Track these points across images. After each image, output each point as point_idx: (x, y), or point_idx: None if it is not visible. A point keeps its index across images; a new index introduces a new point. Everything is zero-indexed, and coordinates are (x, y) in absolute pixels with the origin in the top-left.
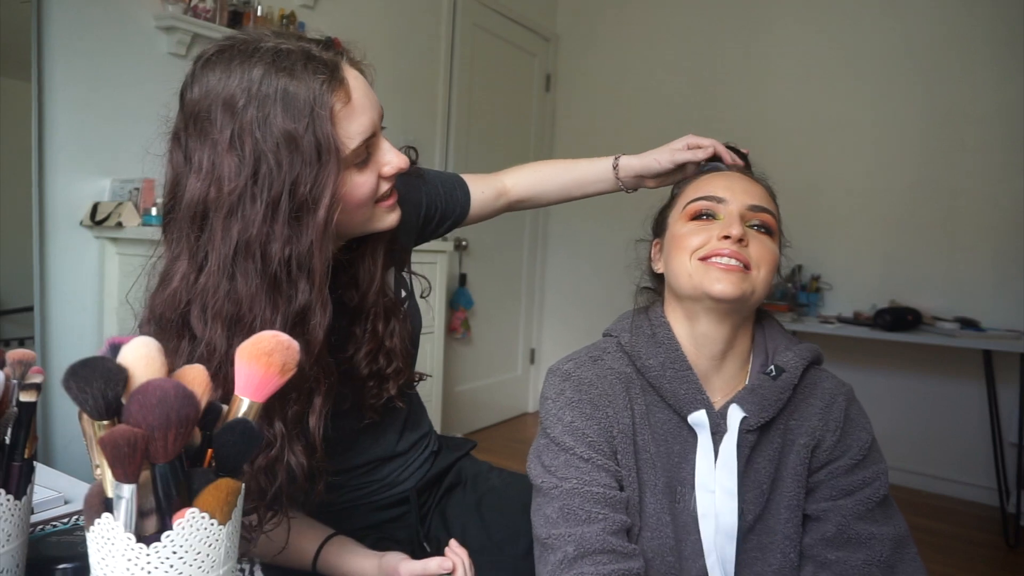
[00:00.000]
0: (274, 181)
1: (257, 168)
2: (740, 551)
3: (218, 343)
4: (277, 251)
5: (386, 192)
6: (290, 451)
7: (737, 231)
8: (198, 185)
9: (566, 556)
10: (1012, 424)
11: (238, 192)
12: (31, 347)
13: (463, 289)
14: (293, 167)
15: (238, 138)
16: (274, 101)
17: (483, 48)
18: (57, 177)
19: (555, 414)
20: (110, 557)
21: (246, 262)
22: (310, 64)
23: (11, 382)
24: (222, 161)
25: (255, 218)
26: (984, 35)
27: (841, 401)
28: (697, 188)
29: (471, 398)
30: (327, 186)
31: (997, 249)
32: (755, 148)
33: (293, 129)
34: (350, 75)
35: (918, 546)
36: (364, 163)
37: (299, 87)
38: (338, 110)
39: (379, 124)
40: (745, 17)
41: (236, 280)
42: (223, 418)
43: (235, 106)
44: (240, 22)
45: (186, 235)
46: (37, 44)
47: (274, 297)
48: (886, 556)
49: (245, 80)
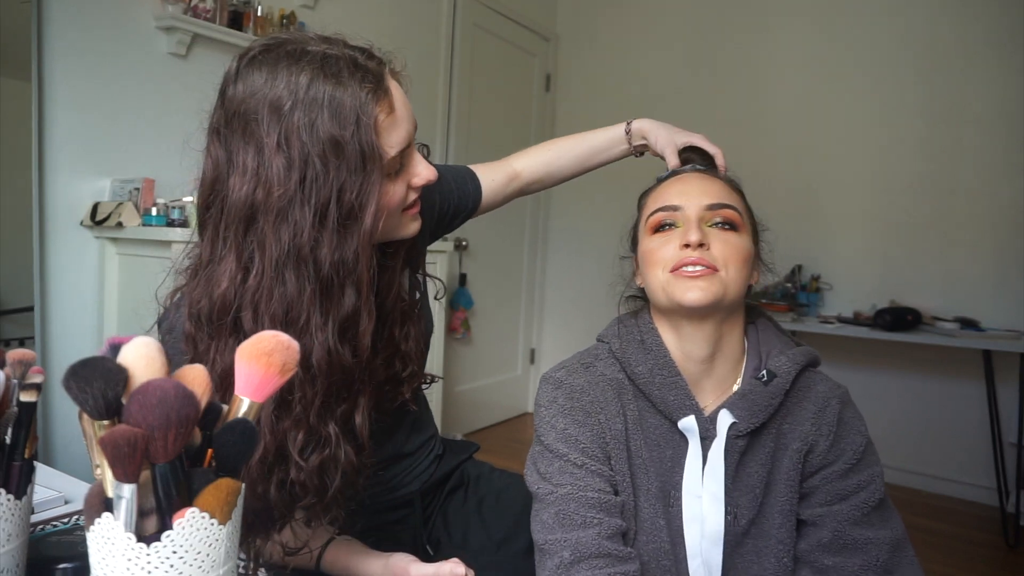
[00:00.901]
0: (321, 187)
1: (304, 172)
2: (736, 556)
3: None
4: (326, 256)
5: (412, 201)
6: (343, 449)
7: (695, 236)
8: (245, 187)
9: (563, 561)
10: (1012, 424)
11: (288, 196)
12: (31, 347)
13: (463, 289)
14: (339, 174)
15: (285, 141)
16: (321, 106)
17: (483, 48)
18: (57, 177)
19: (549, 422)
20: (110, 557)
21: (297, 267)
22: (356, 72)
23: (11, 382)
24: (270, 163)
25: (304, 224)
26: (984, 35)
27: (835, 405)
28: (655, 199)
29: (471, 398)
30: (372, 194)
31: (997, 249)
32: (755, 148)
33: (339, 135)
34: (392, 86)
35: (918, 546)
36: (397, 173)
37: (345, 94)
38: (381, 120)
39: (413, 135)
40: (745, 17)
41: (287, 283)
42: (223, 418)
43: (282, 108)
44: (240, 22)
45: (233, 235)
46: (37, 44)
47: (324, 302)
48: (883, 560)
49: (292, 83)
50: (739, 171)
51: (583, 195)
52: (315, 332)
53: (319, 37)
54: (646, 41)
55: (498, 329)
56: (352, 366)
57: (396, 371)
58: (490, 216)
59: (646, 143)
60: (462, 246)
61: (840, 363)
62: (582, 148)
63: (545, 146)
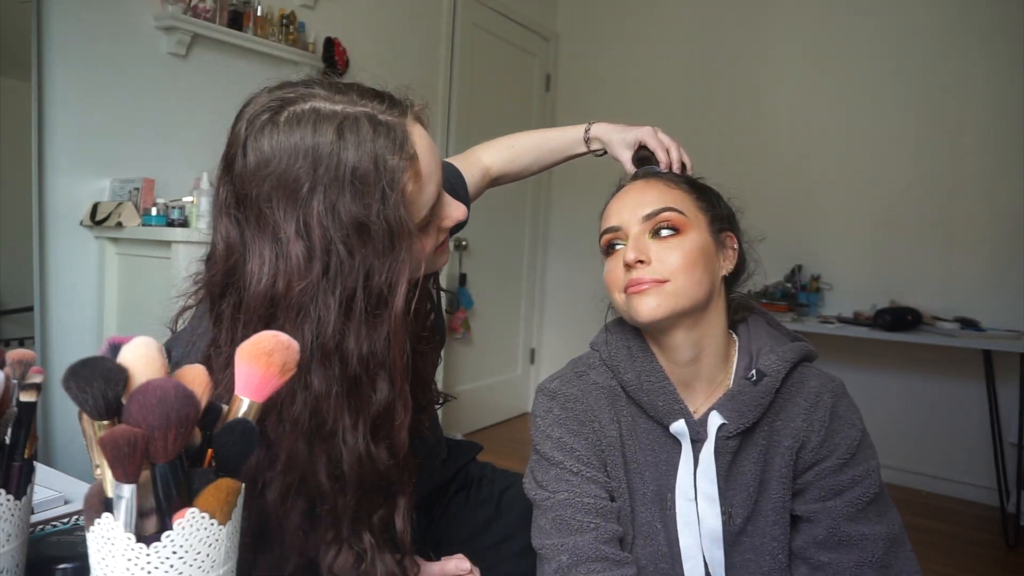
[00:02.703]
0: (347, 275)
1: (328, 261)
2: (734, 554)
3: (300, 456)
4: (354, 350)
5: (442, 240)
6: (381, 561)
7: (631, 256)
8: (264, 279)
9: (560, 565)
10: (1012, 424)
11: (311, 290)
12: (31, 347)
13: (463, 289)
14: (366, 258)
15: (304, 228)
16: (342, 185)
17: (483, 48)
18: (57, 177)
19: (544, 431)
20: (110, 557)
21: (322, 365)
22: (379, 135)
23: (11, 382)
24: (288, 253)
25: (329, 317)
26: (982, 35)
27: (827, 399)
28: (604, 218)
29: (471, 398)
30: (402, 273)
31: (997, 249)
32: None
33: (364, 216)
34: (416, 135)
35: (918, 546)
36: (428, 225)
37: (367, 165)
38: (410, 189)
39: (442, 182)
40: (744, 17)
41: (312, 385)
42: (223, 418)
43: (299, 192)
44: (240, 22)
45: (254, 328)
46: (37, 44)
47: (354, 401)
48: (879, 556)
49: (308, 159)
50: (739, 169)
51: (583, 195)
52: (344, 435)
53: (329, 85)
54: (646, 41)
55: (498, 329)
56: (388, 469)
57: (417, 400)
58: (490, 216)
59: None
60: (462, 246)
61: (840, 363)
62: (543, 148)
63: (507, 142)
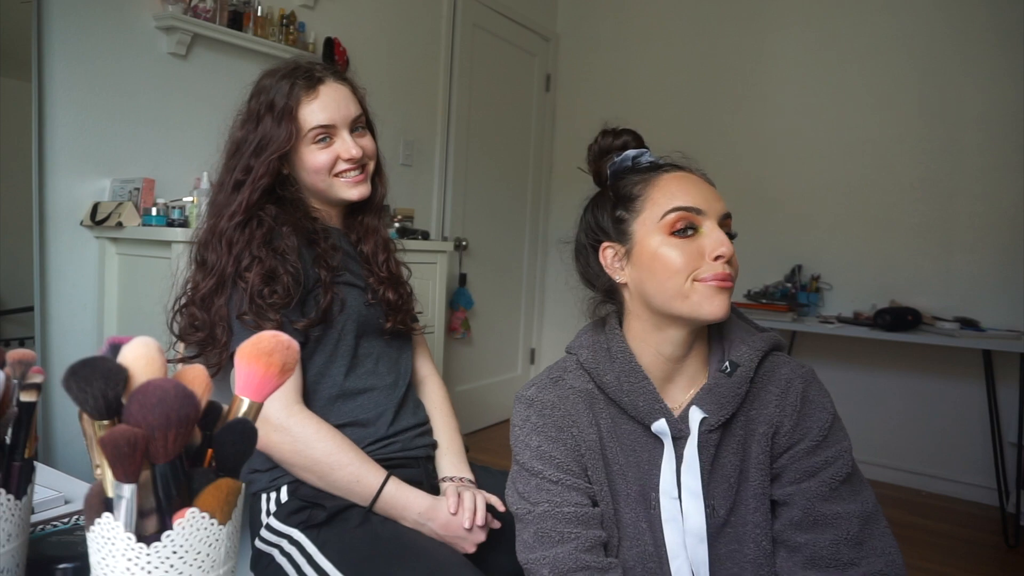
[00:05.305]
0: (260, 126)
1: (259, 120)
2: (719, 544)
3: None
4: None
5: (344, 171)
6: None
7: (729, 250)
8: (236, 132)
9: None
10: (1012, 424)
11: (246, 133)
12: (31, 347)
13: (463, 289)
14: (266, 126)
15: (254, 100)
16: (274, 88)
17: (483, 48)
18: (57, 177)
19: (523, 440)
20: (110, 557)
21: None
22: (299, 73)
23: (11, 382)
24: (247, 117)
25: (248, 149)
26: (983, 35)
27: (798, 384)
28: (667, 193)
29: (471, 398)
30: (279, 136)
31: (997, 249)
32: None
33: (274, 101)
34: (329, 84)
35: (919, 546)
36: (324, 143)
37: (284, 84)
38: (303, 100)
39: (342, 122)
40: (745, 17)
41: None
42: (223, 418)
43: (259, 97)
44: (240, 22)
45: (228, 157)
46: (37, 44)
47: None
48: (854, 533)
49: (269, 80)
50: (739, 169)
51: (584, 195)
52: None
53: (317, 64)
54: (646, 41)
55: (498, 329)
56: None
57: (401, 296)
58: (490, 216)
59: None
60: (462, 246)
61: (840, 363)
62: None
63: (441, 408)
